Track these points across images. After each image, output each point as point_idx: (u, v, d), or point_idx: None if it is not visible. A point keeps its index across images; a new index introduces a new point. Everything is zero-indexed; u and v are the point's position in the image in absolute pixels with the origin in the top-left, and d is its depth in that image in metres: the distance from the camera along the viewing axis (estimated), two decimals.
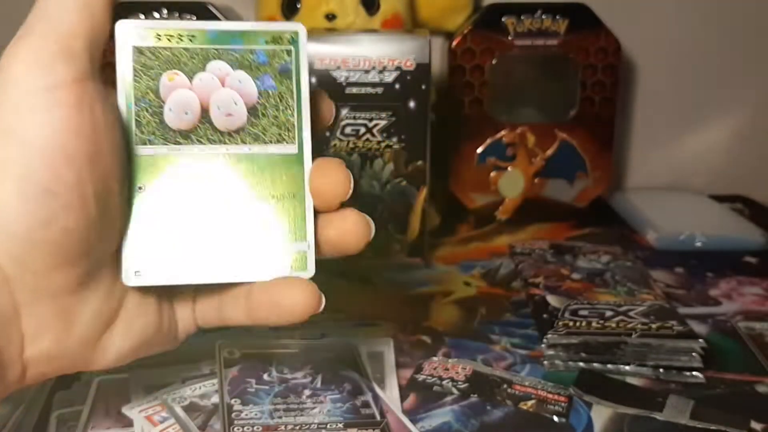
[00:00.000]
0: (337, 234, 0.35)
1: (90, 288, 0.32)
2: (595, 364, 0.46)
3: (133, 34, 0.33)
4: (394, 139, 0.58)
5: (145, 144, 0.33)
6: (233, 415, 0.39)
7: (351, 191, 0.34)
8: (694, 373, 0.45)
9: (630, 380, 0.45)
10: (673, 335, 0.46)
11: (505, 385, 0.44)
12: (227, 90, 0.33)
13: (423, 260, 0.61)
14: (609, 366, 0.46)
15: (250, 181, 0.34)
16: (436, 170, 0.71)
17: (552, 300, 0.52)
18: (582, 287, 0.54)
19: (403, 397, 0.43)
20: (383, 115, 0.57)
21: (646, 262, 0.62)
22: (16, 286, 0.29)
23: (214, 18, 0.66)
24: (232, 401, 0.40)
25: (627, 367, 0.45)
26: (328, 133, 0.57)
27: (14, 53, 0.29)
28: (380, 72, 0.56)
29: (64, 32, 0.29)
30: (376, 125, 0.57)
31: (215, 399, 0.41)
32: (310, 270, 0.35)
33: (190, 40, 0.33)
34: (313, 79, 0.56)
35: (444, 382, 0.44)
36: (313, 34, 0.57)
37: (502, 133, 0.70)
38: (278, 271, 0.34)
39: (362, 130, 0.57)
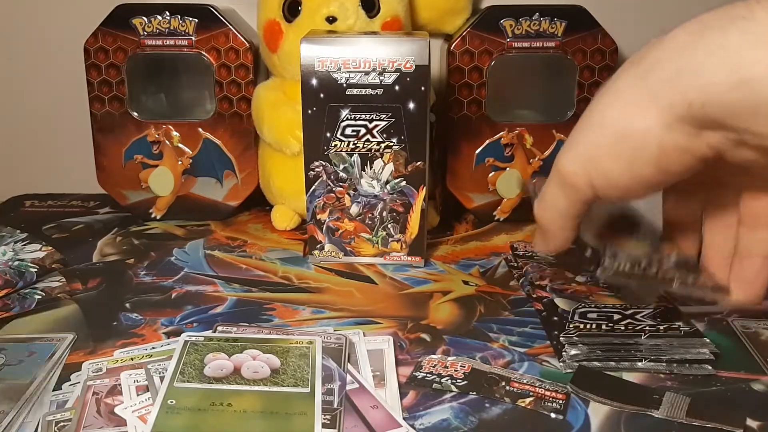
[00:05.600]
0: None
1: None
2: (595, 362, 0.46)
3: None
4: (394, 140, 0.58)
5: (183, 382, 0.41)
6: None
7: None
8: (705, 365, 0.46)
9: (626, 376, 0.45)
10: (681, 335, 0.47)
11: (503, 383, 0.44)
12: (257, 362, 0.44)
13: (422, 259, 0.62)
14: (619, 363, 0.46)
15: (267, 410, 0.40)
16: (435, 170, 0.71)
17: (560, 303, 0.53)
18: (587, 290, 0.55)
19: (402, 395, 0.43)
20: (383, 116, 0.57)
21: None
22: None
23: (217, 19, 0.68)
24: None
25: (639, 364, 0.46)
26: (329, 134, 0.58)
27: None
28: (380, 73, 0.57)
29: None
30: (376, 126, 0.58)
31: None
32: None
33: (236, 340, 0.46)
34: (314, 81, 0.57)
35: (443, 380, 0.45)
36: (314, 36, 0.58)
37: (501, 134, 0.70)
38: None
39: (362, 131, 0.58)
